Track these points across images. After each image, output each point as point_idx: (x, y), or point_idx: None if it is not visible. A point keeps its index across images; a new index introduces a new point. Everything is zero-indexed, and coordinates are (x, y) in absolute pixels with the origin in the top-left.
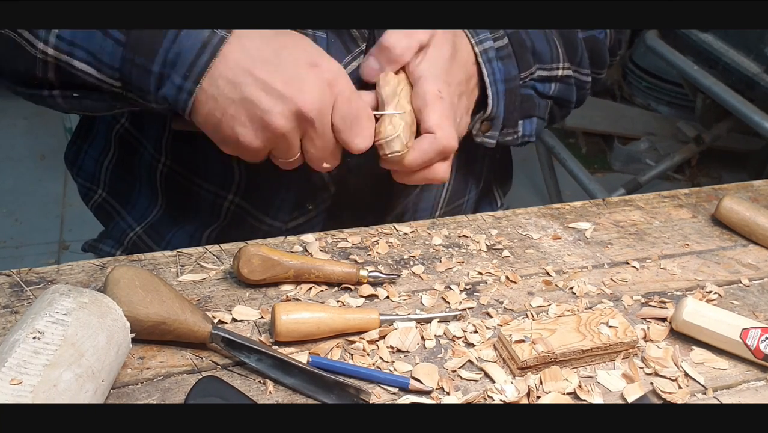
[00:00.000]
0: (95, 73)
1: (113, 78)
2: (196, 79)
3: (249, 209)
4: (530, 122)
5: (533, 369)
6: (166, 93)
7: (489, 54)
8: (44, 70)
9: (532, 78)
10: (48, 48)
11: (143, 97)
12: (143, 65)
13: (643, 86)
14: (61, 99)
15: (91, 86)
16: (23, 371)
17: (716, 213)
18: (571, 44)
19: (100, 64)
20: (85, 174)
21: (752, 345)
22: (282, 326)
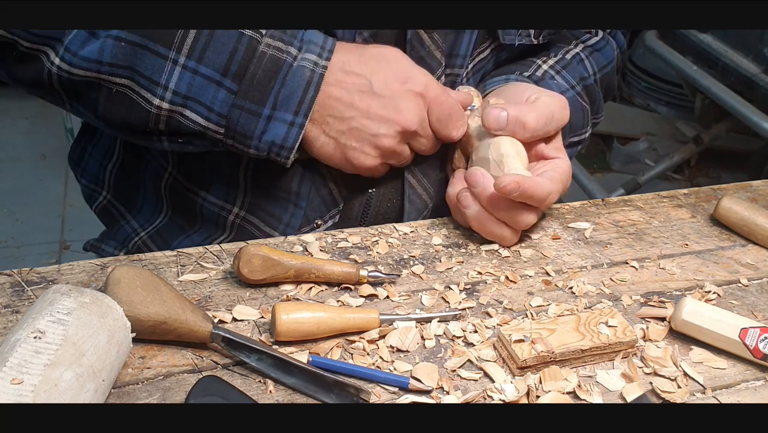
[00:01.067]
0: (203, 122)
1: (219, 125)
2: (306, 113)
3: (256, 223)
4: None
5: (533, 369)
6: (274, 133)
7: None
8: (156, 123)
9: None
10: (164, 103)
11: (244, 142)
12: (254, 110)
13: (642, 86)
14: (167, 143)
15: (195, 133)
16: (24, 370)
17: (715, 213)
18: (593, 99)
19: (210, 112)
20: (89, 175)
21: (751, 345)
22: (282, 326)
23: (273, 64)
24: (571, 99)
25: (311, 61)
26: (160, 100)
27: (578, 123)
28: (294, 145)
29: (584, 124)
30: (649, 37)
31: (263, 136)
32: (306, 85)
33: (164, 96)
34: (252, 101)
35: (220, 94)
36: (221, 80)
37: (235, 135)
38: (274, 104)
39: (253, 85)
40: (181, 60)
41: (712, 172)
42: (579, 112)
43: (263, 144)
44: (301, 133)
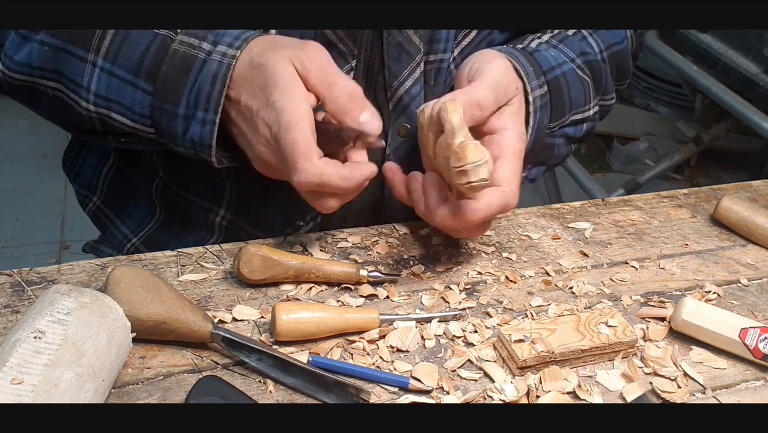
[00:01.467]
0: (131, 123)
1: (146, 126)
2: (215, 109)
3: (242, 225)
4: (538, 169)
5: (533, 369)
6: (192, 132)
7: (536, 103)
8: (91, 123)
9: (563, 126)
10: (90, 105)
11: (173, 141)
12: (170, 111)
13: (642, 86)
14: (114, 142)
15: (132, 134)
16: (24, 370)
17: (715, 213)
18: (598, 77)
19: (134, 114)
20: (81, 180)
21: (751, 345)
22: (282, 326)
23: (184, 62)
24: (569, 72)
25: (221, 53)
26: (86, 102)
27: (579, 98)
28: (210, 142)
29: (586, 100)
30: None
31: (185, 135)
32: (212, 80)
33: (89, 99)
34: (168, 102)
35: (137, 96)
36: (135, 81)
37: (164, 134)
38: (187, 103)
39: (166, 85)
40: (99, 62)
41: (712, 173)
42: (578, 86)
43: (187, 142)
44: (214, 130)
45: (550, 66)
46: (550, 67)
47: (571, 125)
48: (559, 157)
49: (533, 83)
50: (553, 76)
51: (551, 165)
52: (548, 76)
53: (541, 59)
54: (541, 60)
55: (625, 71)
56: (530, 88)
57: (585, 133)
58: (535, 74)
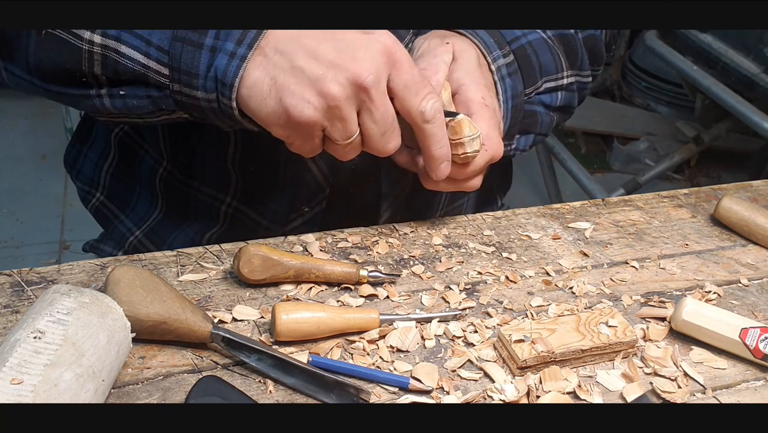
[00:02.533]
0: (143, 59)
1: (161, 63)
2: (251, 44)
3: (247, 212)
4: (526, 138)
5: (533, 369)
6: (217, 66)
7: (501, 71)
8: (90, 64)
9: (539, 92)
10: (95, 36)
11: (190, 83)
12: (195, 41)
13: (642, 86)
14: (108, 99)
15: (137, 78)
16: (24, 370)
17: (715, 213)
18: (571, 49)
19: (149, 47)
20: (83, 177)
21: (751, 345)
22: (282, 326)
23: None
24: (536, 40)
25: None
26: (91, 32)
27: (550, 65)
28: (233, 81)
29: (558, 69)
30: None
31: (209, 72)
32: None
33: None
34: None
35: None
36: None
37: (181, 75)
38: (217, 33)
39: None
40: None
41: (712, 172)
42: (548, 54)
43: (209, 82)
44: (242, 66)
45: (514, 36)
46: (514, 37)
47: (546, 93)
48: (543, 126)
49: (494, 53)
50: (519, 45)
51: (539, 134)
52: (513, 45)
53: (505, 32)
54: (506, 32)
55: (599, 56)
56: (491, 59)
57: (562, 102)
58: (497, 44)
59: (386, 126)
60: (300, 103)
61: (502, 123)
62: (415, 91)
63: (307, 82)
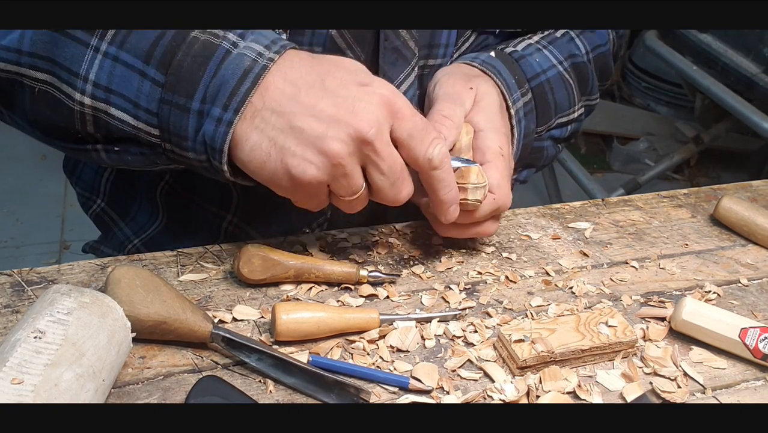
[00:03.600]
0: (132, 121)
1: (150, 125)
2: (237, 108)
3: (248, 231)
4: (528, 171)
5: (533, 369)
6: (204, 131)
7: (519, 114)
8: (83, 123)
9: (550, 129)
10: (85, 98)
11: (180, 145)
12: (182, 105)
13: (642, 86)
14: (104, 153)
15: (129, 137)
16: (24, 370)
17: (715, 213)
18: (584, 79)
19: (137, 109)
20: (83, 184)
21: (751, 345)
22: (282, 326)
23: (205, 50)
24: (554, 77)
25: (255, 51)
26: (81, 94)
27: (564, 102)
28: (222, 146)
29: (571, 104)
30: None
31: (197, 136)
32: (243, 75)
33: (85, 89)
34: (180, 94)
35: (145, 87)
36: (144, 69)
37: (171, 136)
38: (204, 97)
39: (180, 75)
40: (103, 47)
41: (712, 172)
42: (563, 91)
43: (199, 145)
44: (229, 132)
45: (534, 73)
46: (534, 74)
47: (557, 128)
48: (548, 158)
49: (515, 95)
50: (538, 82)
51: (541, 166)
52: (532, 83)
53: (526, 67)
54: (526, 67)
55: (607, 72)
56: (511, 101)
57: (570, 133)
58: (518, 84)
59: (395, 176)
60: (302, 163)
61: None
62: (419, 139)
63: (308, 141)
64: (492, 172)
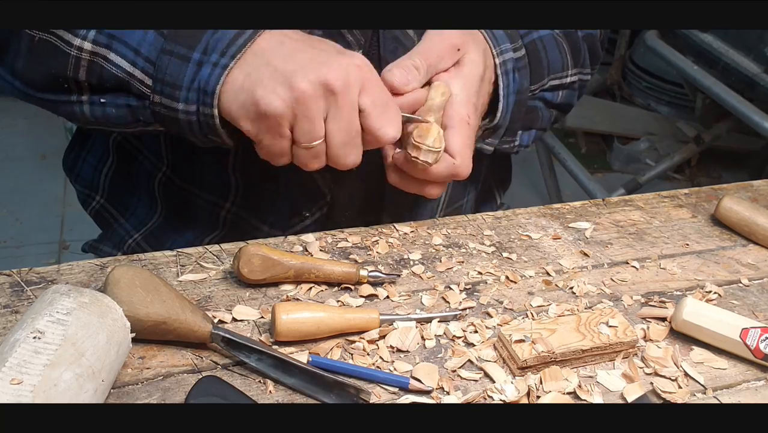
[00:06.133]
0: (129, 68)
1: (146, 73)
2: (234, 55)
3: (247, 218)
4: (528, 134)
5: (533, 369)
6: (200, 77)
7: (507, 65)
8: (76, 69)
9: (543, 89)
10: (85, 43)
11: (172, 95)
12: (183, 55)
13: (642, 86)
14: (88, 105)
15: (119, 85)
16: (24, 370)
17: (716, 213)
18: (576, 47)
19: (137, 56)
20: (83, 181)
21: (752, 345)
22: (282, 326)
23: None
24: (546, 36)
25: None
26: (82, 39)
27: (557, 62)
28: (215, 87)
29: (564, 66)
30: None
31: (192, 83)
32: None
33: (87, 35)
34: (182, 45)
35: (149, 36)
36: None
37: (164, 86)
38: (205, 48)
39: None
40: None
41: (712, 172)
42: (556, 51)
43: (192, 93)
44: (223, 74)
45: (527, 31)
46: (526, 31)
47: (549, 90)
48: (543, 121)
49: (504, 45)
50: (530, 39)
51: (539, 128)
52: (525, 39)
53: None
54: None
55: (596, 56)
56: (496, 51)
57: (562, 100)
58: (509, 37)
59: (349, 137)
60: (269, 95)
61: (500, 117)
62: (378, 112)
63: (279, 77)
64: (455, 138)
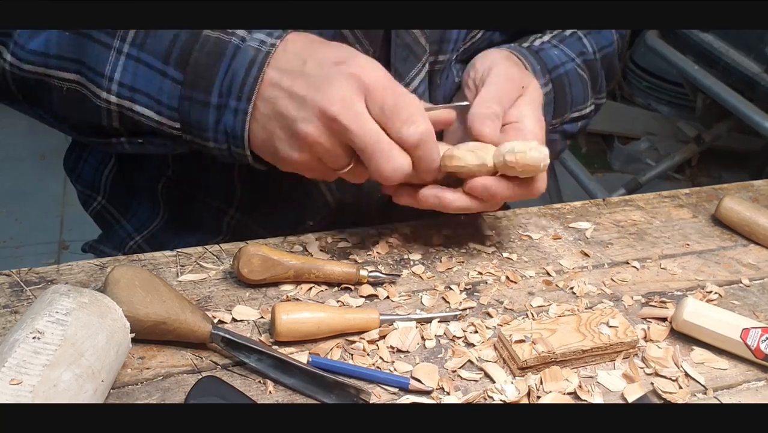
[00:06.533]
0: (155, 117)
1: (172, 119)
2: (249, 97)
3: (250, 224)
4: None
5: (533, 369)
6: (226, 123)
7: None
8: (109, 119)
9: (563, 122)
10: (111, 96)
11: (201, 136)
12: (202, 100)
13: (643, 86)
14: (128, 145)
15: (153, 131)
16: (23, 371)
17: (716, 213)
18: (595, 77)
19: (160, 106)
20: (84, 181)
21: (753, 345)
22: (282, 326)
23: (217, 48)
24: (571, 71)
25: (258, 40)
26: (107, 93)
27: (579, 96)
28: (242, 133)
29: (585, 98)
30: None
31: (218, 126)
32: (249, 65)
33: (111, 88)
34: (199, 90)
35: (166, 85)
36: (164, 68)
37: (191, 129)
38: (221, 92)
39: (198, 72)
40: (125, 48)
41: (713, 172)
42: (579, 85)
43: (220, 135)
44: (246, 119)
45: (554, 64)
46: (554, 65)
47: (570, 122)
48: (557, 151)
49: (541, 81)
50: (557, 74)
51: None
52: (552, 75)
53: (546, 57)
54: (546, 58)
55: (613, 73)
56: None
57: (579, 129)
58: (541, 72)
59: (371, 148)
60: (286, 148)
61: None
62: (390, 116)
63: (286, 126)
64: None
